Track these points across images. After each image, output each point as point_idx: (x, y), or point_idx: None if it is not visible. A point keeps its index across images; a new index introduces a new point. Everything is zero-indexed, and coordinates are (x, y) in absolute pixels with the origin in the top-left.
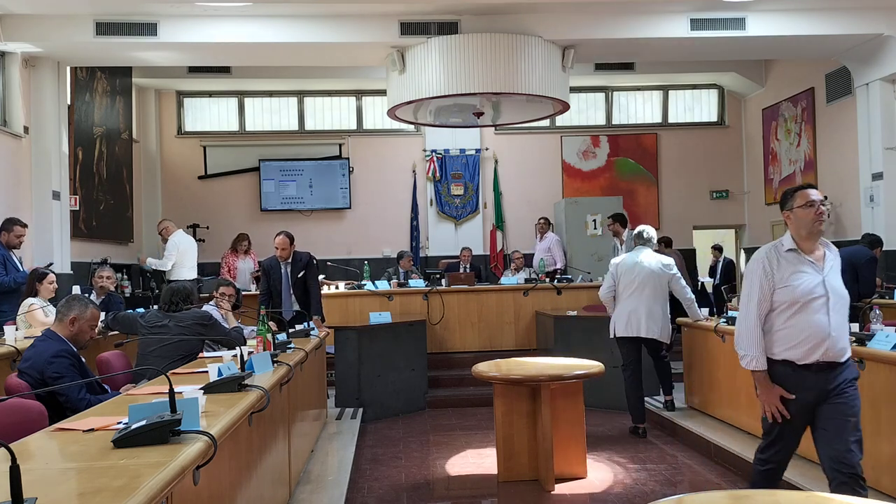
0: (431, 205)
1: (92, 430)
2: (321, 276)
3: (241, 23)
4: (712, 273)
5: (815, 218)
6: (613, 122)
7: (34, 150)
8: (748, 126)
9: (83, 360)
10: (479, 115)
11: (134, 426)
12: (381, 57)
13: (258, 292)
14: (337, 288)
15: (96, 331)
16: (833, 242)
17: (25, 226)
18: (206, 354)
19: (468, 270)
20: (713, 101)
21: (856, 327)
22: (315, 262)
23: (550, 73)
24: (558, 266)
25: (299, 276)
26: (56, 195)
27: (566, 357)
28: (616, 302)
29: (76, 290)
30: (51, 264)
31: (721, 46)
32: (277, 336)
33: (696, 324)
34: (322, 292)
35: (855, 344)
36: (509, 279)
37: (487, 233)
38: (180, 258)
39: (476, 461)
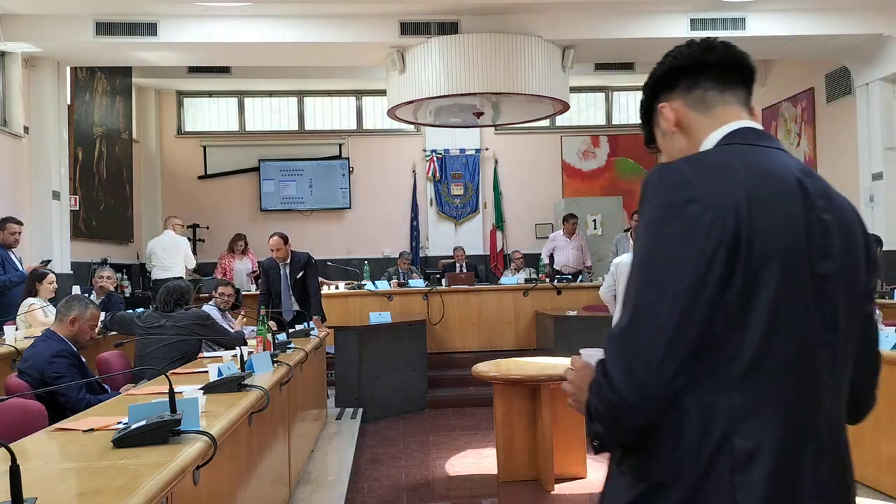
0: (431, 205)
1: (92, 430)
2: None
3: (241, 23)
4: None
5: None
6: (613, 122)
7: (34, 150)
8: None
9: (83, 360)
10: (479, 115)
11: (134, 426)
12: (381, 57)
13: (258, 292)
14: (337, 288)
15: (96, 331)
16: None
17: (20, 223)
18: (205, 354)
19: (464, 270)
20: None
21: None
22: (314, 262)
23: (550, 73)
24: (589, 264)
25: (298, 276)
26: (56, 195)
27: (566, 357)
28: (616, 301)
29: (76, 290)
30: (48, 261)
31: None
32: (277, 336)
33: None
34: (322, 292)
35: None
36: (509, 279)
37: (487, 233)
38: (156, 259)
39: (476, 461)
